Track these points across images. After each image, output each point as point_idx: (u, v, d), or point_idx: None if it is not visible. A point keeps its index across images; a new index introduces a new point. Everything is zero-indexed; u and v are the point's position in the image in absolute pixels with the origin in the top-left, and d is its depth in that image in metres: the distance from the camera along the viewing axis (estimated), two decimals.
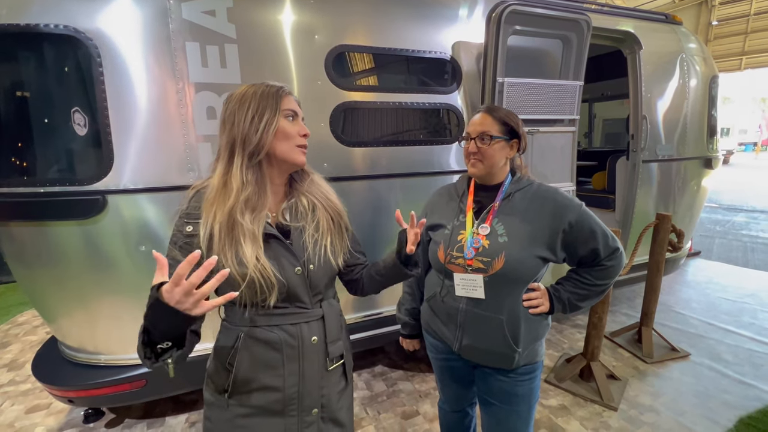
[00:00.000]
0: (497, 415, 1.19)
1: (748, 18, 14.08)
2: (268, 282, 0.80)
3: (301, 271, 0.87)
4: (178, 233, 0.83)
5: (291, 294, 0.86)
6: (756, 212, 7.44)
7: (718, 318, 3.17)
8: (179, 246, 0.81)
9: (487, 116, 1.10)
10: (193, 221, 0.82)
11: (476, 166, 1.11)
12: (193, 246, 0.80)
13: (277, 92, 0.85)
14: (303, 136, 0.89)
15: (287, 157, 0.86)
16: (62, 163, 1.58)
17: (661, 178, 2.96)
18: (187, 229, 0.82)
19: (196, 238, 0.81)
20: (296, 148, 0.87)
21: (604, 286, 1.12)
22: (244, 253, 0.79)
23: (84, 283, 1.66)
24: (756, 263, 4.57)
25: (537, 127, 2.25)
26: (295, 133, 0.87)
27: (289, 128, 0.86)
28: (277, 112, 0.84)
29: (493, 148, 1.08)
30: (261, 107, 0.83)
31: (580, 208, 1.06)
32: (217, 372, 0.88)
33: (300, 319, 0.88)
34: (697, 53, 3.06)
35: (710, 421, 2.02)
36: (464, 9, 2.19)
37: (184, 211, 0.84)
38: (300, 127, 0.88)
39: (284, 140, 0.85)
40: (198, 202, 0.84)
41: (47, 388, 1.78)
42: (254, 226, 0.81)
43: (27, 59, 1.51)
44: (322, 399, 0.92)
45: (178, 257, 0.79)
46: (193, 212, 0.83)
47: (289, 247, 0.87)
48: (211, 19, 1.62)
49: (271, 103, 0.84)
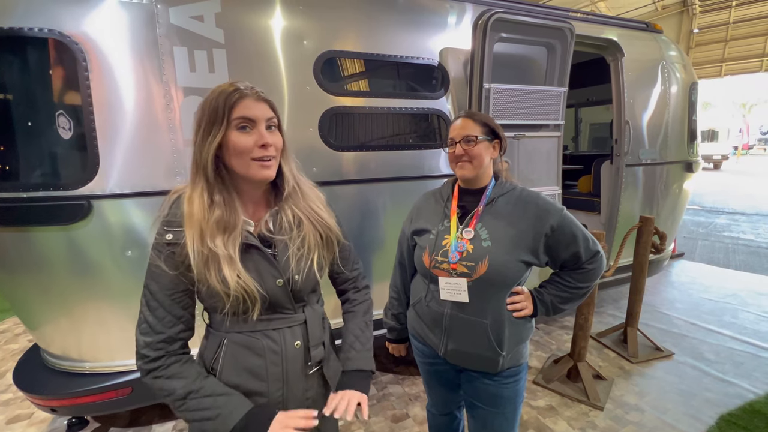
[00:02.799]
0: (483, 418, 1.20)
1: (728, 26, 14.56)
2: (251, 297, 0.79)
3: (282, 283, 0.84)
4: (159, 242, 0.79)
5: (273, 304, 0.84)
6: (737, 214, 7.65)
7: (701, 318, 3.25)
8: (164, 257, 0.78)
9: (468, 120, 1.13)
10: (173, 229, 0.78)
11: (465, 167, 1.12)
12: (176, 257, 0.77)
13: (226, 100, 0.74)
14: (261, 147, 0.76)
15: (245, 173, 0.78)
16: (46, 167, 1.56)
17: (644, 181, 3.04)
18: (167, 237, 0.77)
19: (177, 247, 0.77)
20: (253, 163, 0.77)
21: (586, 288, 1.15)
22: (224, 273, 0.76)
23: (69, 290, 1.64)
24: (737, 264, 4.69)
25: (523, 132, 2.29)
26: (250, 146, 0.75)
27: (240, 141, 0.75)
28: (224, 125, 0.74)
29: (478, 148, 1.10)
30: (208, 120, 0.74)
31: (561, 212, 1.08)
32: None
33: (283, 324, 0.87)
34: (677, 60, 3.16)
35: (693, 419, 2.07)
36: (452, 16, 2.23)
37: (164, 218, 0.80)
38: (258, 137, 0.76)
39: (237, 156, 0.76)
40: (178, 209, 0.79)
41: (29, 397, 1.74)
42: (228, 250, 0.76)
43: (11, 62, 1.48)
44: (307, 402, 0.91)
45: (163, 268, 0.77)
46: (174, 219, 0.78)
47: (271, 259, 0.83)
48: (199, 24, 1.62)
49: (220, 114, 0.74)
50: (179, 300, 0.80)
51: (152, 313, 0.79)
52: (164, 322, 0.79)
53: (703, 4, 14.38)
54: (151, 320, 0.78)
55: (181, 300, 0.80)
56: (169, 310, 0.79)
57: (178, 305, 0.80)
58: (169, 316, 0.79)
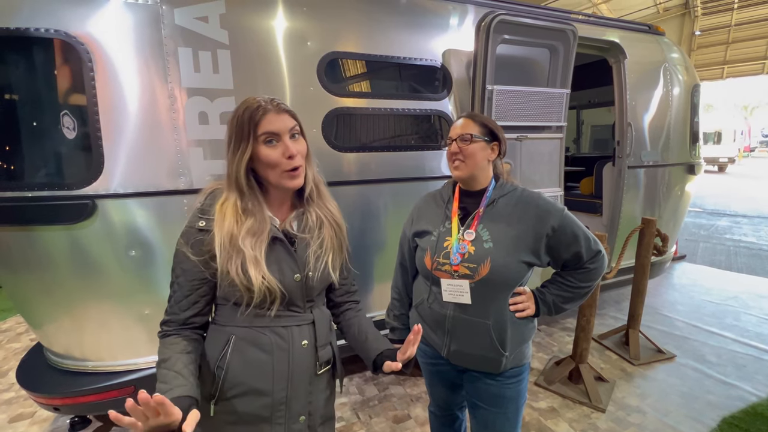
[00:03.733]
0: (486, 418, 1.20)
1: (729, 29, 14.56)
2: (272, 295, 0.83)
3: (300, 278, 0.88)
4: (190, 229, 0.84)
5: (288, 300, 0.87)
6: (738, 216, 7.64)
7: (703, 320, 3.25)
8: (191, 243, 0.83)
9: (468, 120, 1.14)
10: (206, 217, 0.84)
11: (459, 167, 1.12)
12: (203, 243, 0.82)
13: (251, 117, 0.79)
14: (289, 158, 0.82)
15: (277, 183, 0.85)
16: (51, 167, 1.57)
17: (646, 183, 3.04)
18: (200, 224, 0.83)
19: (207, 235, 0.82)
20: (284, 174, 0.83)
21: (587, 288, 1.15)
22: (249, 271, 0.80)
23: (72, 289, 1.64)
24: (739, 266, 4.68)
25: (525, 134, 2.29)
26: (278, 158, 0.81)
27: (268, 155, 0.81)
28: (251, 141, 0.80)
29: (473, 147, 1.10)
30: (236, 138, 0.81)
31: (562, 212, 1.09)
32: (202, 378, 0.85)
33: (291, 322, 0.88)
34: (680, 62, 3.16)
35: (695, 421, 2.06)
36: (455, 18, 2.23)
37: (199, 207, 0.86)
38: (284, 148, 0.81)
39: (269, 168, 0.83)
40: (213, 201, 0.85)
41: (32, 395, 1.74)
42: (255, 251, 0.81)
43: (17, 62, 1.49)
44: (309, 406, 0.92)
45: (189, 254, 0.82)
46: (207, 209, 0.85)
47: (293, 253, 0.87)
48: (203, 25, 1.63)
49: (246, 130, 0.80)
50: (197, 287, 0.85)
51: (173, 294, 0.85)
52: (180, 305, 0.84)
53: (705, 7, 14.39)
54: (172, 301, 0.85)
55: (199, 287, 0.85)
56: (187, 294, 0.84)
57: (196, 292, 0.85)
58: (185, 300, 0.84)
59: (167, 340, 0.83)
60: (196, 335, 0.87)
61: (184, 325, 0.85)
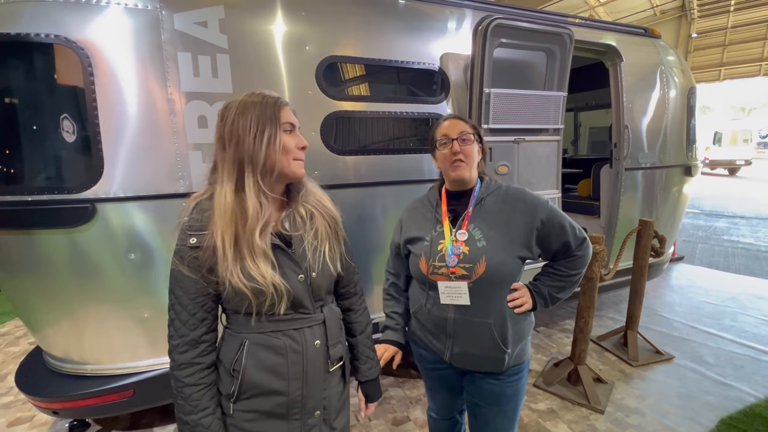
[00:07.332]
0: (485, 416, 1.21)
1: (726, 31, 14.63)
2: (279, 294, 0.83)
3: (303, 278, 0.88)
4: (182, 247, 0.82)
5: (295, 301, 0.88)
6: (736, 218, 7.66)
7: (701, 321, 3.26)
8: (187, 262, 0.82)
9: (459, 120, 1.15)
10: (196, 233, 0.82)
11: (462, 168, 1.12)
12: (199, 260, 0.81)
13: (275, 104, 0.83)
14: (301, 149, 0.87)
15: (287, 171, 0.86)
16: (51, 170, 1.58)
17: (643, 185, 3.05)
18: (191, 241, 0.81)
19: (201, 251, 0.81)
20: (294, 162, 0.86)
21: (577, 275, 1.18)
22: (255, 268, 0.80)
23: (71, 292, 1.65)
24: (737, 268, 4.70)
25: (523, 136, 2.31)
26: (294, 147, 0.86)
27: (288, 142, 0.85)
28: (278, 127, 0.83)
29: (472, 148, 1.13)
30: (261, 122, 0.81)
31: (548, 205, 1.13)
32: (221, 378, 0.89)
33: (303, 324, 0.90)
34: (676, 65, 3.18)
35: (693, 422, 2.07)
36: (452, 22, 2.25)
37: (186, 223, 0.84)
38: (298, 140, 0.87)
39: (284, 155, 0.84)
40: (200, 214, 0.83)
41: (31, 399, 1.75)
42: (263, 243, 0.82)
43: (18, 67, 1.51)
44: (324, 401, 0.95)
45: (186, 272, 0.82)
46: (196, 224, 0.83)
47: (292, 256, 0.88)
48: (203, 30, 1.65)
49: (270, 116, 0.82)
50: (202, 303, 0.84)
51: (177, 316, 0.84)
52: (188, 324, 0.83)
53: (702, 9, 14.45)
54: (177, 323, 0.84)
55: (204, 303, 0.85)
56: (192, 313, 0.84)
57: (201, 308, 0.85)
58: (193, 318, 0.84)
59: (186, 391, 0.83)
60: (211, 360, 0.87)
61: (197, 345, 0.84)
